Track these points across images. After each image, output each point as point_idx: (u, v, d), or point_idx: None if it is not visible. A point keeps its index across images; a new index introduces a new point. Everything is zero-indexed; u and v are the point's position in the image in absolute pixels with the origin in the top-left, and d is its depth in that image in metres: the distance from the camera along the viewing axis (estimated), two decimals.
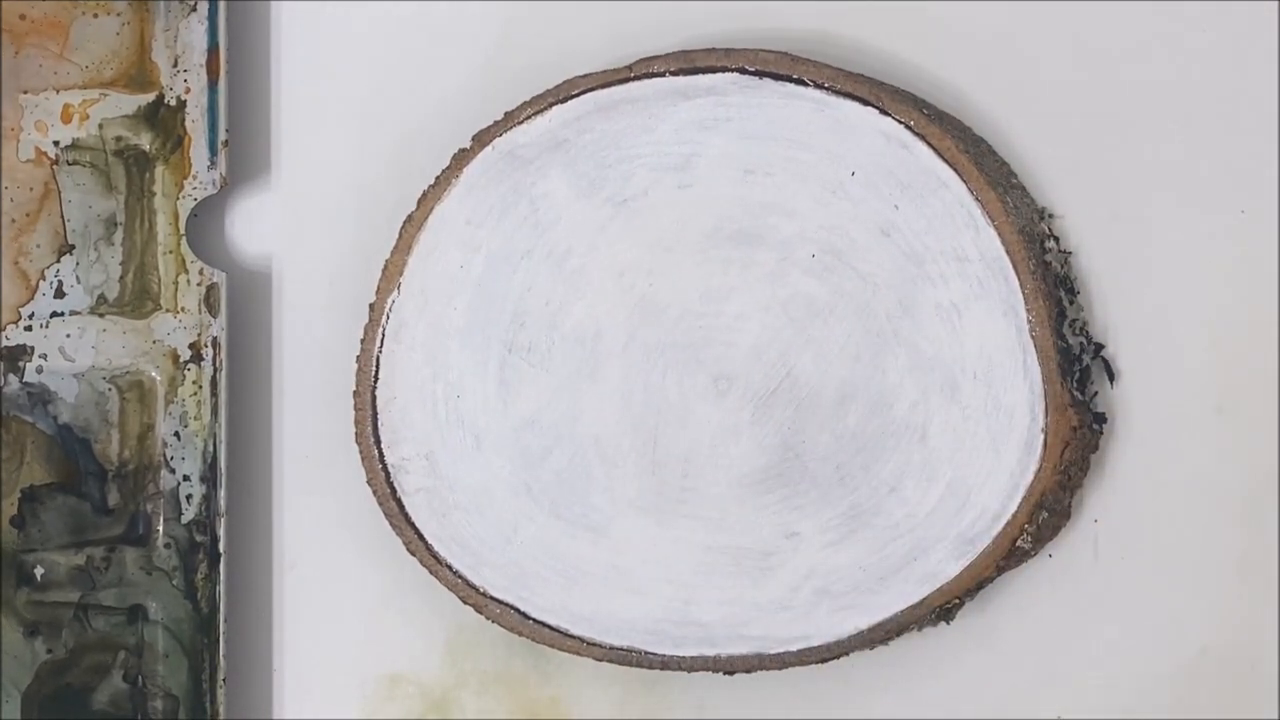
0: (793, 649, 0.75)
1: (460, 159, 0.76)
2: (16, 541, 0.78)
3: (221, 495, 0.78)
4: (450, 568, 0.77)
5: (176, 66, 0.78)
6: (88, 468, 0.78)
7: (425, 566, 0.77)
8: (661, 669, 0.76)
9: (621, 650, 0.76)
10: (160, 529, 0.78)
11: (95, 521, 0.78)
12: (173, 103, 0.78)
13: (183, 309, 0.78)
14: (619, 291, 0.76)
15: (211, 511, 0.78)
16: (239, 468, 0.80)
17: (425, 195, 0.77)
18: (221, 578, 0.78)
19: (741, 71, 0.74)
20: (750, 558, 0.75)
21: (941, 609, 0.75)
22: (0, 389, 0.78)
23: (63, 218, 0.79)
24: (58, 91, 0.78)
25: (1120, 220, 0.77)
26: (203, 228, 0.80)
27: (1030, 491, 0.73)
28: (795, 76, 0.74)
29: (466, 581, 0.77)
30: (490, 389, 0.77)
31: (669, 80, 0.75)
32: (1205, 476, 0.76)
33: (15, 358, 0.78)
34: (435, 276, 0.77)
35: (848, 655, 0.76)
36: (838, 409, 0.75)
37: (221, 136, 0.78)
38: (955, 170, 0.73)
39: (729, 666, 0.76)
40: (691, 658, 0.76)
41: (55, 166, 0.78)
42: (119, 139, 0.78)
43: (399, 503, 0.77)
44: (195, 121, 0.78)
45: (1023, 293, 0.73)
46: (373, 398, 0.77)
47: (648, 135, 0.75)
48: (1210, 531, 0.76)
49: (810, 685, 0.78)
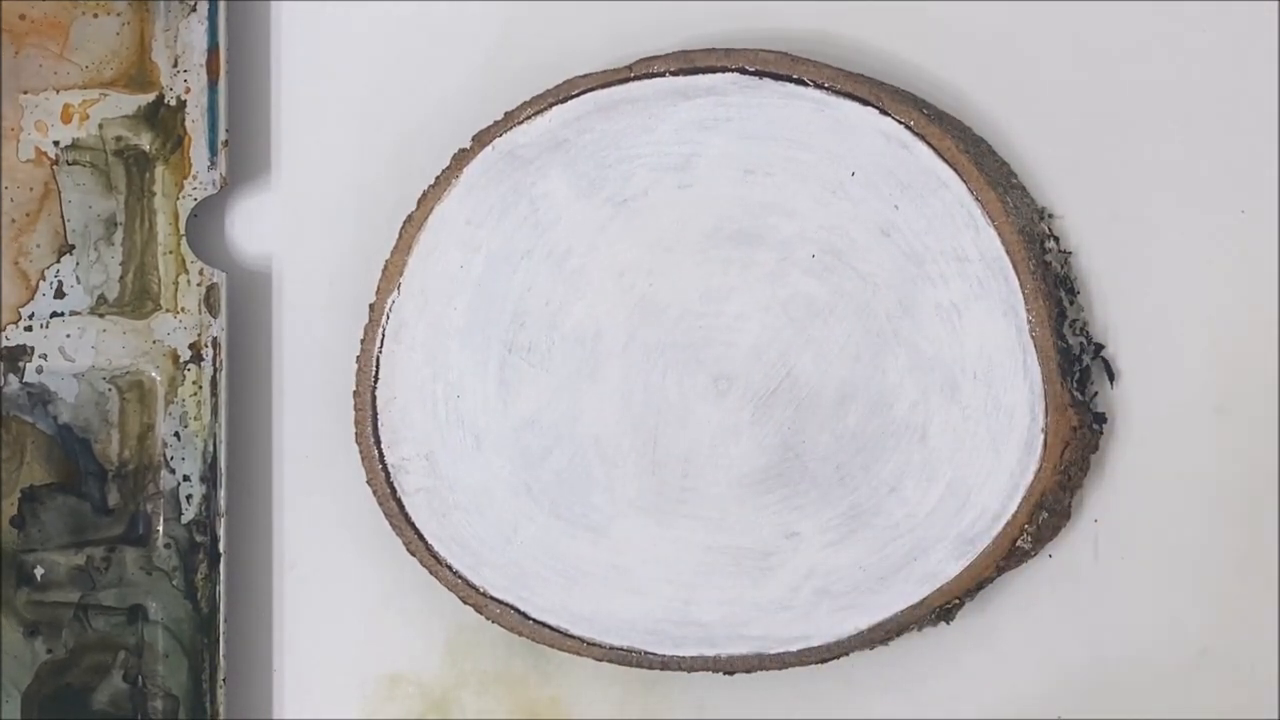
0: (793, 649, 0.75)
1: (460, 159, 0.76)
2: (16, 541, 0.78)
3: (221, 495, 0.78)
4: (450, 568, 0.77)
5: (176, 66, 0.78)
6: (88, 468, 0.78)
7: (425, 566, 0.77)
8: (661, 669, 0.76)
9: (621, 650, 0.76)
10: (160, 529, 0.78)
11: (95, 521, 0.78)
12: (173, 103, 0.78)
13: (183, 309, 0.78)
14: (619, 291, 0.76)
15: (211, 511, 0.78)
16: (239, 468, 0.80)
17: (425, 195, 0.77)
18: (221, 578, 0.78)
19: (741, 71, 0.74)
20: (750, 558, 0.75)
21: (941, 609, 0.75)
22: (0, 389, 0.78)
23: (63, 218, 0.79)
24: (58, 91, 0.78)
25: (1120, 220, 0.76)
26: (203, 228, 0.80)
27: (1030, 491, 0.73)
28: (795, 76, 0.74)
29: (466, 581, 0.77)
30: (490, 389, 0.77)
31: (669, 80, 0.75)
32: (1205, 476, 0.76)
33: (15, 358, 0.78)
34: (435, 276, 0.77)
35: (848, 655, 0.75)
36: (838, 409, 0.75)
37: (221, 136, 0.78)
38: (955, 170, 0.73)
39: (729, 666, 0.76)
40: (691, 658, 0.76)
41: (55, 166, 0.78)
42: (119, 139, 0.78)
43: (399, 503, 0.77)
44: (195, 121, 0.78)
45: (1023, 293, 0.73)
46: (373, 398, 0.77)
47: (648, 135, 0.75)
48: (1210, 531, 0.76)
49: (810, 685, 0.78)
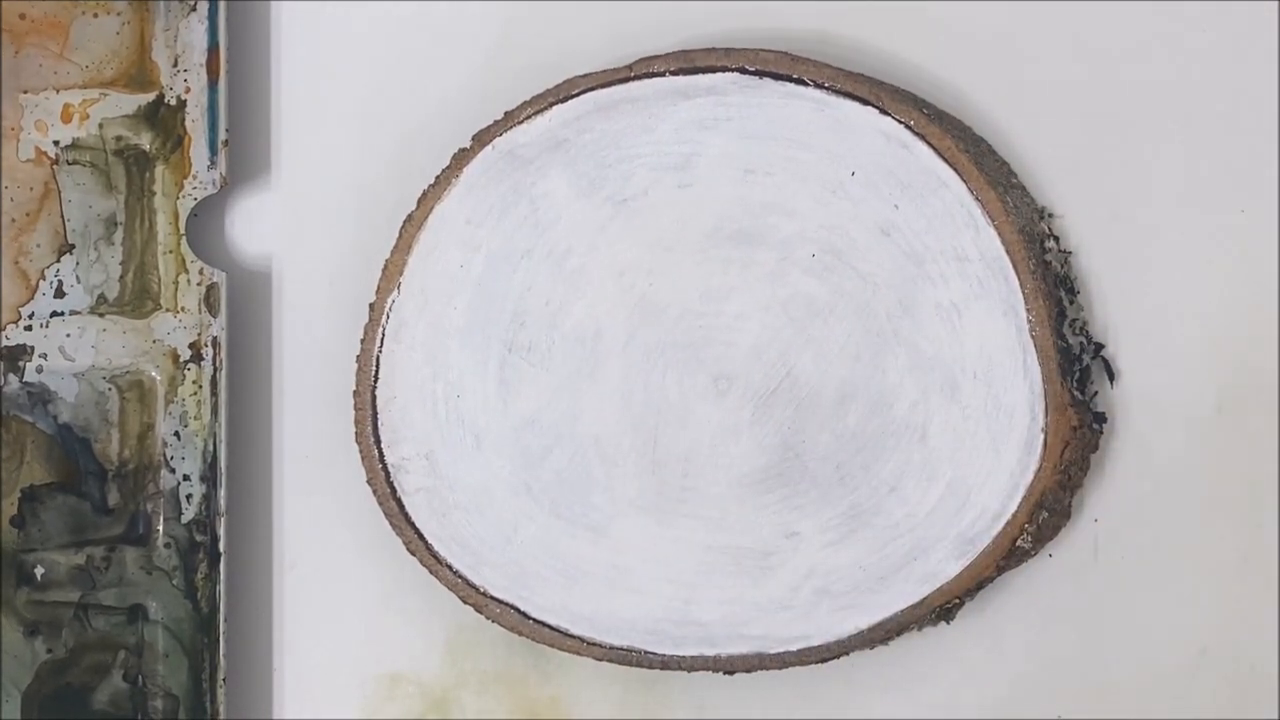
0: (793, 649, 0.75)
1: (460, 159, 0.76)
2: (16, 541, 0.78)
3: (221, 495, 0.78)
4: (450, 567, 0.77)
5: (176, 66, 0.78)
6: (88, 467, 0.78)
7: (425, 566, 0.77)
8: (661, 669, 0.76)
9: (621, 650, 0.76)
10: (160, 529, 0.78)
11: (95, 521, 0.78)
12: (173, 102, 0.78)
13: (183, 309, 0.78)
14: (619, 291, 0.76)
15: (211, 511, 0.78)
16: (239, 468, 0.80)
17: (425, 195, 0.77)
18: (221, 577, 0.78)
19: (741, 71, 0.74)
20: (750, 557, 0.75)
21: (942, 609, 0.75)
22: (0, 389, 0.78)
23: (63, 217, 0.79)
24: (58, 91, 0.78)
25: (1120, 220, 0.76)
26: (203, 227, 0.80)
27: (1030, 491, 0.73)
28: (795, 76, 0.74)
29: (466, 581, 0.77)
30: (490, 388, 0.77)
31: (669, 80, 0.75)
32: (1205, 476, 0.76)
33: (15, 357, 0.78)
34: (435, 276, 0.77)
35: (848, 655, 0.75)
36: (838, 409, 0.75)
37: (221, 136, 0.78)
38: (955, 170, 0.73)
39: (729, 666, 0.76)
40: (691, 657, 0.76)
41: (55, 166, 0.78)
42: (119, 139, 0.78)
43: (399, 502, 0.77)
44: (195, 121, 0.78)
45: (1023, 292, 0.73)
46: (373, 397, 0.77)
47: (648, 135, 0.75)
48: (1210, 531, 0.76)
49: (810, 685, 0.78)
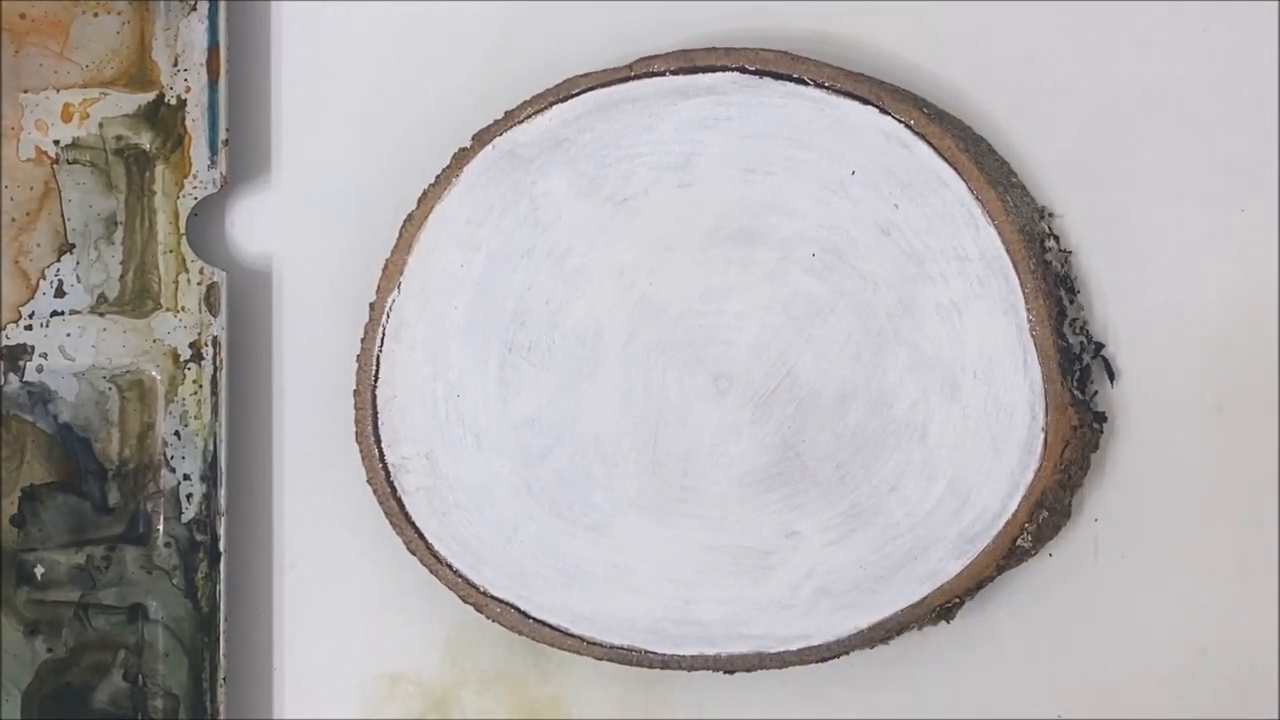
0: (793, 648, 0.75)
1: (460, 158, 0.76)
2: (16, 541, 0.78)
3: (221, 494, 0.78)
4: (450, 567, 0.77)
5: (177, 66, 0.78)
6: (88, 467, 0.78)
7: (425, 566, 0.77)
8: (661, 668, 0.76)
9: (621, 649, 0.76)
10: (160, 528, 0.78)
11: (95, 520, 0.78)
12: (173, 102, 0.78)
13: (183, 308, 0.78)
14: (619, 290, 0.76)
15: (211, 511, 0.78)
16: (239, 467, 0.80)
17: (425, 194, 0.77)
18: (221, 577, 0.78)
19: (741, 71, 0.74)
20: (750, 556, 0.75)
21: (942, 608, 0.75)
22: (0, 388, 0.78)
23: (63, 217, 0.79)
24: (58, 90, 0.78)
25: (1120, 220, 0.76)
26: (203, 227, 0.80)
27: (1030, 490, 0.73)
28: (795, 76, 0.74)
29: (467, 580, 0.77)
30: (490, 388, 0.77)
31: (669, 79, 0.75)
32: (1205, 476, 0.76)
33: (15, 357, 0.78)
34: (435, 275, 0.77)
35: (848, 654, 0.75)
36: (838, 408, 0.75)
37: (221, 136, 0.78)
38: (955, 169, 0.73)
39: (729, 666, 0.76)
40: (692, 657, 0.76)
41: (55, 166, 0.78)
42: (119, 138, 0.78)
43: (399, 502, 0.77)
44: (195, 121, 0.78)
45: (1023, 292, 0.73)
46: (373, 397, 0.77)
47: (648, 134, 0.75)
48: (1210, 531, 0.76)
49: (810, 684, 0.78)
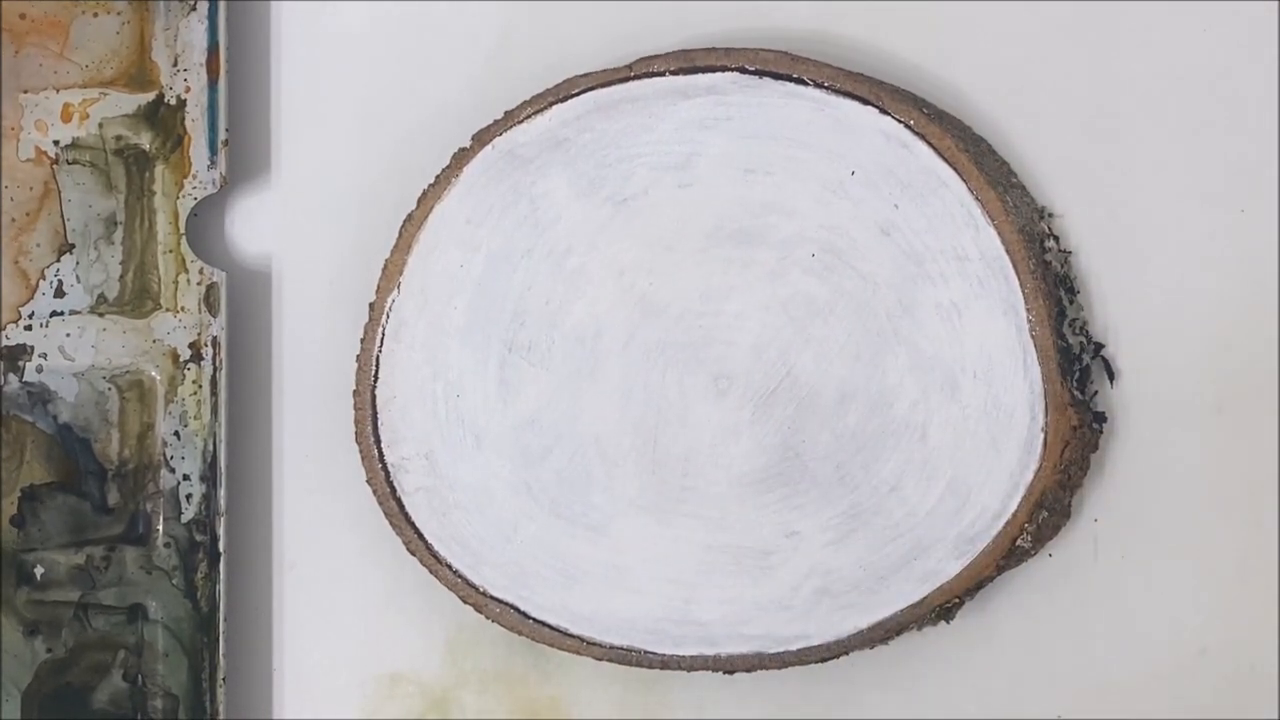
0: (793, 648, 0.75)
1: (460, 158, 0.76)
2: (16, 541, 0.78)
3: (221, 495, 0.78)
4: (450, 567, 0.77)
5: (176, 66, 0.78)
6: (88, 467, 0.78)
7: (425, 566, 0.77)
8: (661, 668, 0.76)
9: (621, 649, 0.76)
10: (160, 528, 0.78)
11: (95, 521, 0.78)
12: (173, 102, 0.78)
13: (183, 308, 0.78)
14: (619, 290, 0.76)
15: (211, 511, 0.78)
16: (239, 467, 0.80)
17: (425, 194, 0.77)
18: (221, 577, 0.78)
19: (741, 71, 0.74)
20: (750, 557, 0.75)
21: (941, 608, 0.75)
22: (0, 388, 0.78)
23: (63, 217, 0.79)
24: (58, 91, 0.78)
25: (1120, 220, 0.76)
26: (203, 227, 0.80)
27: (1030, 490, 0.73)
28: (795, 76, 0.74)
29: (466, 581, 0.77)
30: (490, 388, 0.77)
31: (669, 80, 0.75)
32: (1205, 476, 0.76)
33: (15, 357, 0.78)
34: (435, 275, 0.77)
35: (848, 654, 0.75)
36: (838, 408, 0.75)
37: (221, 136, 0.78)
38: (955, 169, 0.73)
39: (729, 666, 0.76)
40: (691, 657, 0.76)
41: (55, 166, 0.78)
42: (119, 138, 0.78)
43: (399, 502, 0.77)
44: (195, 121, 0.78)
45: (1023, 292, 0.73)
46: (373, 397, 0.77)
47: (648, 134, 0.75)
48: (1210, 531, 0.76)
49: (810, 685, 0.78)
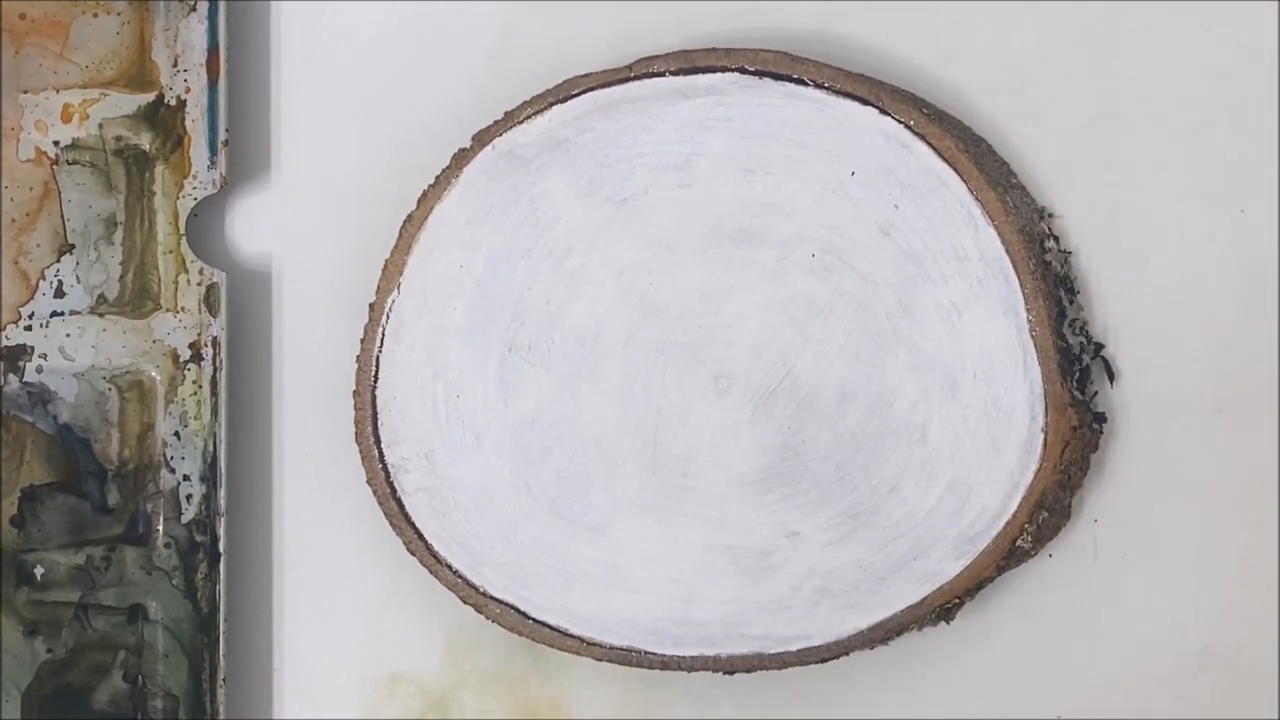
0: (793, 649, 0.75)
1: (460, 159, 0.76)
2: (16, 541, 0.78)
3: (221, 495, 0.78)
4: (450, 567, 0.77)
5: (176, 66, 0.78)
6: (88, 467, 0.78)
7: (425, 566, 0.77)
8: (661, 669, 0.76)
9: (621, 650, 0.76)
10: (160, 529, 0.78)
11: (95, 521, 0.78)
12: (173, 102, 0.78)
13: (183, 309, 0.78)
14: (619, 290, 0.76)
15: (211, 511, 0.78)
16: (239, 468, 0.80)
17: (425, 195, 0.77)
18: (221, 577, 0.78)
19: (741, 71, 0.74)
20: (750, 557, 0.75)
21: (942, 608, 0.75)
22: (0, 389, 0.78)
23: (63, 217, 0.79)
24: (58, 91, 0.78)
25: (1120, 220, 0.76)
26: (203, 227, 0.80)
27: (1030, 491, 0.73)
28: (795, 76, 0.74)
29: (466, 581, 0.77)
30: (490, 388, 0.77)
31: (669, 80, 0.75)
32: (1205, 476, 0.76)
33: (15, 357, 0.78)
34: (435, 276, 0.77)
35: (848, 655, 0.75)
36: (838, 408, 0.75)
37: (221, 136, 0.78)
38: (955, 170, 0.73)
39: (729, 666, 0.76)
40: (691, 657, 0.76)
41: (55, 166, 0.78)
42: (119, 139, 0.78)
43: (399, 502, 0.77)
44: (195, 121, 0.78)
45: (1023, 292, 0.73)
46: (373, 397, 0.77)
47: (648, 135, 0.75)
48: (1210, 531, 0.76)
49: (810, 685, 0.78)
